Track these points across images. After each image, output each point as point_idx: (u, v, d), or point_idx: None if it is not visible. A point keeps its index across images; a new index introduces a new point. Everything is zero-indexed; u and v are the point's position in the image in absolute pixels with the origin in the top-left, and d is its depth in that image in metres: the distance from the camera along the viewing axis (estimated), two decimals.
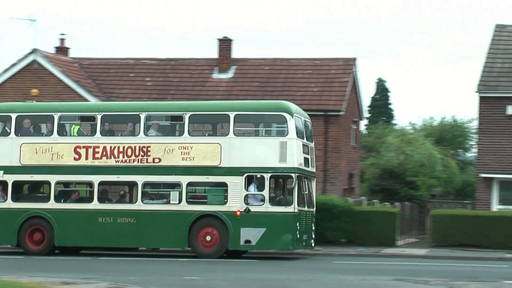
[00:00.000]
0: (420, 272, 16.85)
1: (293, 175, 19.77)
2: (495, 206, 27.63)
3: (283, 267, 18.39)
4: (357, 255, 21.94)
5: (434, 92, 78.40)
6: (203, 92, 29.89)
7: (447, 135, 41.00)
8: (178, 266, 18.34)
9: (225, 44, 31.23)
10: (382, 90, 54.68)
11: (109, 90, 30.53)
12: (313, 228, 21.03)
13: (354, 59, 31.38)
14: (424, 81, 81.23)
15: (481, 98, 28.02)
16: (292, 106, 20.64)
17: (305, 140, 20.68)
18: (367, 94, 53.91)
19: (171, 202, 20.79)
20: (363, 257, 21.71)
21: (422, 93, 75.07)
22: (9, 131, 21.34)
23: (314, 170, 21.49)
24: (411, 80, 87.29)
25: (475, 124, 34.28)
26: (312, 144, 21.37)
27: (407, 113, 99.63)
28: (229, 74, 30.89)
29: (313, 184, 21.42)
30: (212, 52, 31.97)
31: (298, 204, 19.89)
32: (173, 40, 79.21)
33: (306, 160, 20.60)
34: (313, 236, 20.97)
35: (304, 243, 20.53)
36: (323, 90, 29.54)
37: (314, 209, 21.19)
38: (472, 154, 39.39)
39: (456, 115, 43.40)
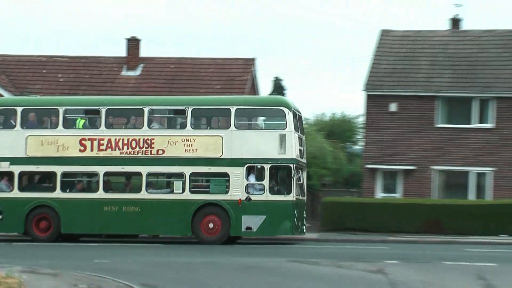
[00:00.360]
0: (311, 254, 17.93)
1: (291, 165, 20.74)
2: (379, 194, 29.84)
3: (213, 251, 18.95)
4: (256, 241, 22.67)
5: (326, 90, 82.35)
6: (112, 88, 30.99)
7: (337, 130, 42.13)
8: (107, 251, 19.12)
9: (133, 43, 32.67)
10: (278, 88, 56.74)
11: (23, 85, 31.12)
12: (305, 215, 22.20)
13: (253, 59, 33.24)
14: (317, 80, 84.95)
15: (368, 96, 30.27)
16: (290, 101, 21.83)
17: (299, 133, 21.58)
18: (265, 91, 56.34)
19: (174, 191, 21.54)
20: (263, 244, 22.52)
21: (315, 91, 78.79)
22: (14, 124, 21.83)
23: (305, 160, 22.42)
24: (306, 78, 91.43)
25: (362, 119, 36.45)
26: (303, 137, 22.31)
27: (301, 110, 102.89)
28: (137, 72, 32.24)
29: (305, 174, 22.44)
30: (121, 51, 33.35)
31: (295, 193, 21.01)
32: (84, 39, 79.41)
33: (301, 151, 21.44)
34: (305, 223, 22.13)
35: (299, 230, 21.45)
36: (225, 88, 30.67)
37: (305, 197, 22.40)
38: (359, 147, 41.15)
39: (345, 111, 44.83)
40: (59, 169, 21.53)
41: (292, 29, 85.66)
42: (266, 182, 20.78)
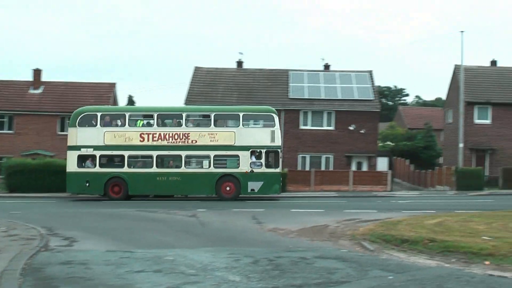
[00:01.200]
0: (152, 206, 26.15)
1: (279, 150, 31.13)
2: None
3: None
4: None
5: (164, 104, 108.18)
6: (22, 102, 46.76)
7: None
8: (20, 205, 27.59)
9: (37, 71, 48.76)
10: (131, 103, 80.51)
11: None
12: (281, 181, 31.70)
13: (114, 84, 49.87)
14: (160, 97, 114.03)
15: None
16: (274, 110, 32.32)
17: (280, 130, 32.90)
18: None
19: (203, 167, 31.06)
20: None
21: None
22: (95, 123, 30.89)
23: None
24: (154, 97, 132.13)
25: None
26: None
27: None
28: (40, 91, 47.71)
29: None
30: (29, 76, 49.52)
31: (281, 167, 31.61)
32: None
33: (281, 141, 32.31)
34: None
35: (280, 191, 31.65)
36: (95, 103, 42.44)
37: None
38: None
39: None
40: (126, 153, 30.71)
41: (147, 60, 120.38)
42: (263, 160, 30.66)
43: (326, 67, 49.59)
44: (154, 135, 30.89)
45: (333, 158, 43.39)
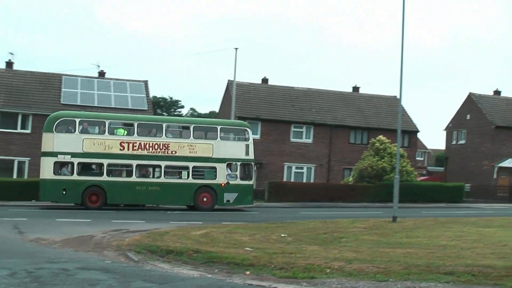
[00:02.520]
0: None
1: (252, 163, 32.82)
2: None
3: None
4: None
5: None
6: None
7: None
8: None
9: None
10: None
11: None
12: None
13: None
14: None
15: None
16: (248, 124, 34.18)
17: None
18: None
19: (182, 177, 31.28)
20: None
21: None
22: (73, 130, 29.86)
23: None
24: None
25: None
26: None
27: None
28: None
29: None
30: None
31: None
32: None
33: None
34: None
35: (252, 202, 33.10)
36: None
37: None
38: None
39: None
40: (105, 161, 30.09)
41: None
42: (238, 173, 31.73)
43: (101, 74, 48.60)
44: (135, 144, 30.46)
45: None
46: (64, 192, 29.40)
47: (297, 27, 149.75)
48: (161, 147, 30.81)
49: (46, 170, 29.63)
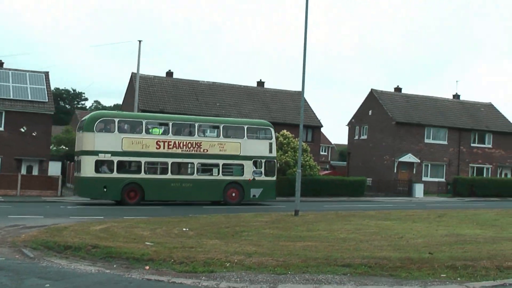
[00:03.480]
0: None
1: (275, 160, 35.60)
2: None
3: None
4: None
5: None
6: None
7: None
8: None
9: None
10: None
11: None
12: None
13: None
14: None
15: None
16: (271, 124, 36.25)
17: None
18: None
19: (213, 174, 33.39)
20: None
21: None
22: (112, 129, 31.19)
23: None
24: None
25: None
26: None
27: None
28: None
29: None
30: None
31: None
32: None
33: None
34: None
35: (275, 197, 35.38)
36: None
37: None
38: None
39: None
40: (143, 159, 31.59)
41: None
42: (263, 169, 34.32)
43: None
44: (170, 143, 32.20)
45: (0, 161, 40.74)
46: (105, 189, 30.69)
47: (203, 21, 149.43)
48: (194, 146, 32.71)
49: (88, 168, 30.75)
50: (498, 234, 17.70)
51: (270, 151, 34.76)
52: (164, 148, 31.99)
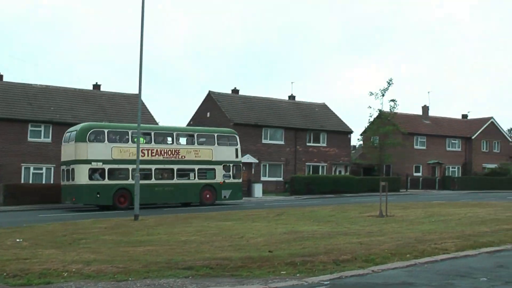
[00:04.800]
0: None
1: (241, 164, 39.96)
2: None
3: None
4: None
5: None
6: None
7: None
8: None
9: None
10: None
11: None
12: None
13: None
14: None
15: None
16: (236, 132, 40.94)
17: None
18: None
19: (190, 178, 37.02)
20: None
21: None
22: (102, 139, 33.95)
23: None
24: None
25: None
26: None
27: None
28: None
29: None
30: None
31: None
32: None
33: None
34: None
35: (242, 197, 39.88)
36: None
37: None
38: None
39: None
40: (130, 166, 32.97)
41: None
42: (231, 173, 38.32)
43: None
44: (153, 151, 35.42)
45: None
46: (98, 195, 33.18)
47: (39, 21, 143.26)
48: (173, 153, 36.28)
49: (82, 176, 33.20)
50: (334, 229, 18.44)
51: (237, 156, 39.13)
52: (148, 155, 35.01)
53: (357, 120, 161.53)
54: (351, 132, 63.56)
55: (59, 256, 13.01)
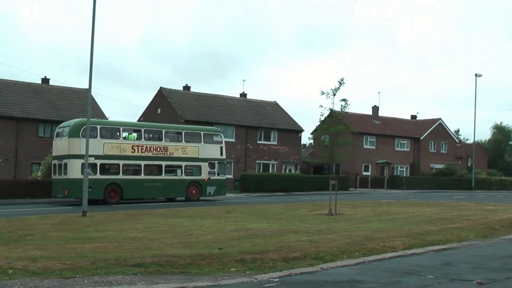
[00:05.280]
0: None
1: (225, 161, 40.96)
2: None
3: None
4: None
5: None
6: None
7: None
8: None
9: None
10: None
11: None
12: None
13: None
14: None
15: None
16: (221, 130, 43.12)
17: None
18: None
19: (177, 175, 37.79)
20: None
21: None
22: (95, 135, 33.93)
23: None
24: None
25: None
26: None
27: None
28: None
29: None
30: None
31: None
32: None
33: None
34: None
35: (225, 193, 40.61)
36: None
37: None
38: None
39: None
40: (121, 162, 35.20)
41: None
42: (216, 170, 39.19)
43: None
44: (143, 147, 36.16)
45: None
46: (90, 190, 30.84)
47: None
48: (162, 150, 36.95)
49: (75, 171, 33.61)
50: (283, 227, 18.53)
51: (221, 154, 39.93)
52: (138, 152, 35.89)
53: (308, 119, 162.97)
54: (302, 130, 63.98)
55: (4, 253, 12.73)
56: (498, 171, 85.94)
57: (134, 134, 36.56)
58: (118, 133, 35.97)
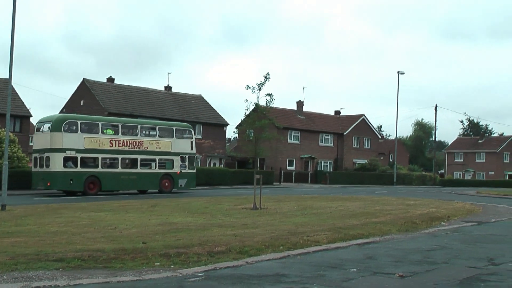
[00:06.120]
0: None
1: (195, 155, 43.68)
2: None
3: None
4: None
5: None
6: None
7: None
8: None
9: None
10: None
11: None
12: None
13: None
14: None
15: None
16: (191, 126, 44.97)
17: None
18: None
19: (151, 168, 40.01)
20: None
21: None
22: (76, 130, 36.19)
23: None
24: None
25: None
26: None
27: None
28: None
29: None
30: None
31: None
32: None
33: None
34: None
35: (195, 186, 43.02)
36: None
37: None
38: None
39: None
40: (100, 156, 37.18)
41: None
42: (186, 163, 41.61)
43: None
44: (120, 142, 38.00)
45: None
46: (71, 182, 35.49)
47: None
48: (137, 144, 38.84)
49: (57, 164, 35.34)
50: (208, 221, 18.50)
51: (192, 148, 42.31)
52: (115, 146, 37.75)
53: (234, 114, 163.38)
54: (227, 124, 64.09)
55: None
56: (418, 167, 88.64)
57: (112, 129, 38.45)
58: (97, 128, 37.59)
